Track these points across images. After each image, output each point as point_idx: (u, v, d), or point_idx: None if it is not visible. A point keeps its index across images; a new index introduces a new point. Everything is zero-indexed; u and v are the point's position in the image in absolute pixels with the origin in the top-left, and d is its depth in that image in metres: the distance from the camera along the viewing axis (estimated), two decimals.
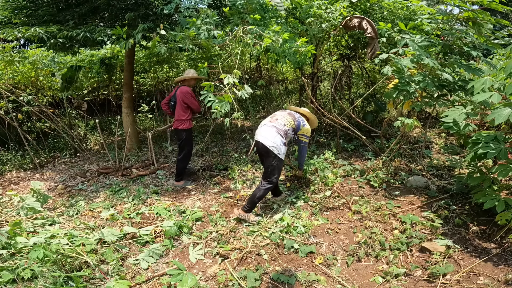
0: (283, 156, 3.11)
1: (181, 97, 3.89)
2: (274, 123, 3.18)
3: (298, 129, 3.28)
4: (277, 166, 3.10)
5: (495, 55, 5.96)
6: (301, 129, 3.29)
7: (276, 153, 3.03)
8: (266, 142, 3.04)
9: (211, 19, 3.37)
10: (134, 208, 3.45)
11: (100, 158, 5.45)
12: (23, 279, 2.07)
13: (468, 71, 3.16)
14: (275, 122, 3.18)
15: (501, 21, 3.08)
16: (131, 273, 2.42)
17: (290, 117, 3.25)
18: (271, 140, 3.03)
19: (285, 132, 3.14)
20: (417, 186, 3.67)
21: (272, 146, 3.02)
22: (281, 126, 3.14)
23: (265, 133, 3.11)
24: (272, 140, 3.03)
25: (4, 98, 4.88)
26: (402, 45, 3.26)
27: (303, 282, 2.29)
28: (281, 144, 3.07)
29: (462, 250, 2.52)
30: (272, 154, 3.03)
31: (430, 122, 6.02)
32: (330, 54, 6.39)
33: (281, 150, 3.07)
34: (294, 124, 3.22)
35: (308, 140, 3.41)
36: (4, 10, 4.34)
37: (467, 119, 2.83)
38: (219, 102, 2.63)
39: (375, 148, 4.61)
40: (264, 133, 3.11)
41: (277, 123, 3.16)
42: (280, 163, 3.11)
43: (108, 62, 6.53)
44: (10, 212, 3.23)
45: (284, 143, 3.12)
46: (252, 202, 3.12)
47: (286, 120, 3.21)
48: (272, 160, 3.06)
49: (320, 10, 4.09)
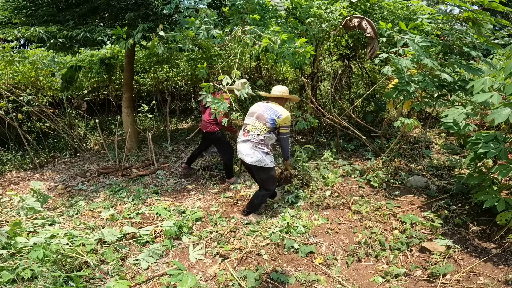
0: (272, 164, 2.97)
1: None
2: (247, 136, 2.97)
3: (275, 126, 2.95)
4: (269, 175, 3.00)
5: (495, 55, 5.96)
6: (277, 123, 2.95)
7: (263, 165, 2.91)
8: (247, 159, 2.93)
9: (210, 19, 3.37)
10: (134, 208, 3.45)
11: (100, 158, 5.45)
12: (23, 279, 2.07)
13: (468, 71, 3.16)
14: (248, 136, 2.97)
15: (501, 21, 3.08)
16: (131, 273, 2.42)
17: (259, 122, 2.95)
18: (251, 157, 2.91)
19: (262, 141, 2.92)
20: (417, 186, 3.67)
21: (255, 162, 2.90)
22: (255, 138, 2.93)
23: (243, 150, 2.98)
24: (251, 156, 2.90)
25: (4, 98, 4.88)
26: (401, 45, 3.26)
27: (303, 282, 2.29)
28: (263, 155, 2.90)
29: (462, 250, 2.52)
30: (259, 168, 2.94)
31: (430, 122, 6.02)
32: (330, 54, 6.39)
33: (267, 161, 2.91)
34: (266, 127, 2.93)
35: (288, 129, 3.02)
36: (4, 10, 4.34)
37: (467, 119, 2.83)
38: (217, 102, 2.63)
39: (375, 148, 4.61)
40: (242, 150, 2.99)
41: (250, 137, 2.95)
42: (271, 172, 2.99)
43: (108, 62, 6.53)
44: (10, 212, 3.23)
45: (266, 152, 2.93)
46: (251, 207, 3.15)
47: (257, 129, 2.94)
48: (262, 173, 2.98)
49: (320, 10, 4.09)
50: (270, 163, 2.95)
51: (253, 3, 3.85)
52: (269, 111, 2.97)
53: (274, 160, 3.05)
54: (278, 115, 2.93)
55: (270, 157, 2.96)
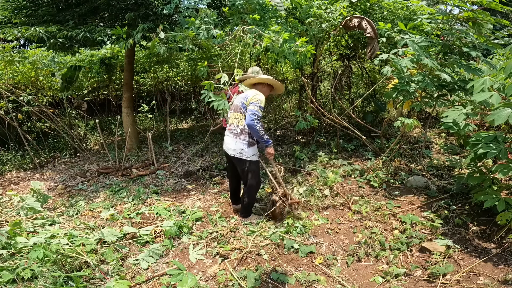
0: (254, 158, 2.91)
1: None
2: (229, 128, 2.96)
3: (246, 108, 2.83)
4: (250, 169, 2.92)
5: (495, 55, 5.96)
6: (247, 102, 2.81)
7: (244, 157, 2.87)
8: (229, 152, 2.93)
9: (210, 19, 3.37)
10: (134, 208, 3.45)
11: (100, 158, 5.45)
12: (23, 279, 2.07)
13: (468, 71, 3.16)
14: (230, 127, 2.95)
15: (501, 21, 3.08)
16: (131, 273, 2.42)
17: (236, 112, 2.91)
18: (233, 148, 2.89)
19: (242, 131, 2.87)
20: (417, 186, 3.67)
21: (237, 153, 2.88)
22: (235, 128, 2.90)
23: (226, 142, 2.97)
24: (233, 148, 2.89)
25: (4, 98, 4.88)
26: (401, 45, 3.26)
27: (303, 282, 2.29)
28: (245, 146, 2.85)
29: (462, 250, 2.52)
30: (240, 160, 2.91)
31: (430, 122, 6.02)
32: (330, 54, 6.39)
33: (249, 153, 2.86)
34: (241, 114, 2.87)
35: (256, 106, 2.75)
36: (4, 10, 4.34)
37: (466, 119, 2.83)
38: (217, 100, 2.63)
39: (375, 148, 4.61)
40: (226, 142, 2.99)
41: (232, 127, 2.94)
42: (253, 165, 2.92)
43: (108, 62, 6.54)
44: (10, 212, 3.23)
45: (249, 142, 2.87)
46: (244, 210, 3.14)
47: (236, 120, 2.92)
48: (243, 166, 2.93)
49: (320, 10, 4.09)
50: (252, 156, 2.89)
51: (253, 3, 3.85)
52: (241, 98, 2.91)
53: (257, 154, 2.97)
54: (247, 97, 2.83)
55: (253, 149, 2.90)
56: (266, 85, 3.08)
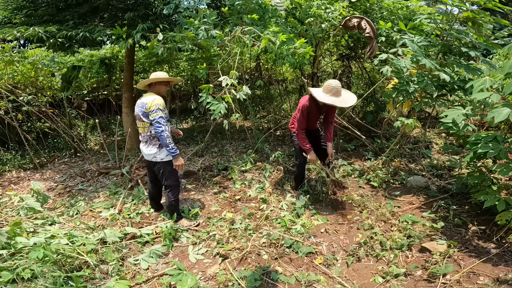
0: (168, 158, 2.93)
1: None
2: (140, 136, 3.00)
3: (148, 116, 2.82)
4: (165, 169, 2.96)
5: (494, 55, 5.96)
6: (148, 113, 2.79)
7: (159, 159, 2.92)
8: (146, 157, 3.00)
9: (209, 19, 3.37)
10: (134, 208, 3.46)
11: (100, 158, 5.45)
12: (23, 279, 2.07)
13: (467, 71, 3.16)
14: (141, 135, 2.99)
15: (501, 21, 3.08)
16: (131, 273, 2.42)
17: (139, 121, 2.93)
18: (147, 154, 2.95)
19: (150, 137, 2.90)
20: (417, 186, 3.67)
21: (152, 158, 2.93)
22: (144, 136, 2.94)
23: (141, 148, 3.02)
24: (147, 153, 2.94)
25: (4, 98, 4.88)
26: (400, 45, 3.26)
27: (303, 282, 2.29)
28: (157, 150, 2.90)
29: (462, 250, 2.52)
30: (155, 164, 2.97)
31: (430, 122, 6.02)
32: (330, 54, 6.40)
33: (162, 155, 2.91)
34: (145, 122, 2.86)
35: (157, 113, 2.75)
36: (4, 10, 4.34)
37: (466, 119, 2.83)
38: (216, 104, 2.63)
39: (375, 148, 4.61)
40: (141, 148, 3.03)
41: (142, 136, 2.97)
42: (166, 165, 2.95)
43: (108, 62, 6.54)
44: (10, 212, 3.23)
45: (160, 144, 2.90)
46: (171, 212, 3.11)
47: (141, 129, 2.95)
48: (158, 167, 2.97)
49: (320, 10, 4.09)
50: (166, 156, 2.93)
51: (252, 3, 3.85)
52: (139, 107, 2.90)
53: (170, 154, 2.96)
54: (144, 105, 2.82)
55: (165, 151, 2.92)
56: (159, 83, 2.97)
